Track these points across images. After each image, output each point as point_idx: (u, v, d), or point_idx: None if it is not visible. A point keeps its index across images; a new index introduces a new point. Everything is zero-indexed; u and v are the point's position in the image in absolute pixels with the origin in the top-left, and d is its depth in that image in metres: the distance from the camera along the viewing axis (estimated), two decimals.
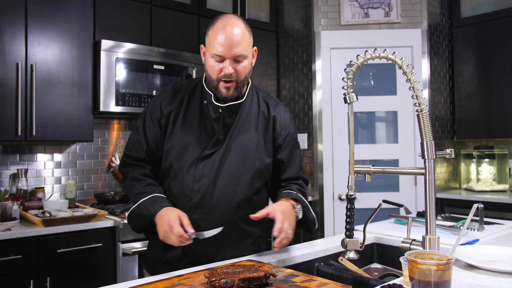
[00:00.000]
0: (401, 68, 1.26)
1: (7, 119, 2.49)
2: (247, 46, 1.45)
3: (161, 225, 1.40)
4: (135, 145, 1.57)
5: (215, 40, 1.42)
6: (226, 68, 1.43)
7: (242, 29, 1.44)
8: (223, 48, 1.41)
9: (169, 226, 1.36)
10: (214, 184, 1.48)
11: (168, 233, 1.37)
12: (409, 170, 1.34)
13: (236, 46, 1.41)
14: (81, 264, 2.44)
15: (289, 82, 3.90)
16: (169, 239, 1.38)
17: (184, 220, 1.39)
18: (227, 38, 1.40)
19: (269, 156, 1.58)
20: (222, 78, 1.45)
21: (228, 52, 1.41)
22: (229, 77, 1.44)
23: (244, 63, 1.46)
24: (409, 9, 3.62)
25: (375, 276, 1.70)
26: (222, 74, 1.44)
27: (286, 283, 1.15)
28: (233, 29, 1.41)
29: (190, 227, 1.37)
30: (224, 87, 1.46)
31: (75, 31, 2.73)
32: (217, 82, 1.47)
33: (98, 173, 3.18)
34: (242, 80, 1.48)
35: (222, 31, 1.41)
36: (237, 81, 1.47)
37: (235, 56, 1.43)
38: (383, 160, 3.58)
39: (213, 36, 1.43)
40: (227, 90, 1.47)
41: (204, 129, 1.52)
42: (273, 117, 1.59)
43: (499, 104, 3.67)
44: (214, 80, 1.47)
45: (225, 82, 1.46)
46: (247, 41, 1.46)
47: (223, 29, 1.41)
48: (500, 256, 1.41)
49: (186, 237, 1.35)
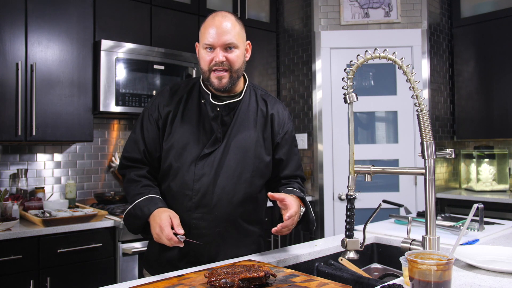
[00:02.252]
0: (401, 68, 1.26)
1: (7, 119, 2.49)
2: (237, 37, 1.46)
3: (154, 227, 1.40)
4: (132, 146, 1.57)
5: (205, 31, 1.45)
6: (216, 56, 1.44)
7: (232, 21, 1.46)
8: (213, 37, 1.43)
9: (160, 228, 1.36)
10: (214, 183, 1.48)
11: (160, 235, 1.36)
12: (409, 170, 1.34)
13: (225, 34, 1.43)
14: (81, 264, 2.44)
15: (289, 82, 3.90)
16: (161, 240, 1.37)
17: (175, 221, 1.38)
18: (216, 27, 1.43)
19: (269, 154, 1.58)
20: (213, 67, 1.45)
21: (218, 39, 1.43)
22: (221, 65, 1.44)
23: (236, 53, 1.47)
24: (409, 9, 3.62)
25: (375, 276, 1.70)
26: (213, 63, 1.45)
27: (286, 283, 1.15)
28: (222, 19, 1.45)
29: (180, 228, 1.36)
30: (215, 77, 1.46)
31: (75, 31, 2.73)
32: (209, 73, 1.47)
33: (98, 173, 3.18)
34: (236, 70, 1.48)
35: (212, 21, 1.45)
36: (230, 70, 1.46)
37: (225, 44, 1.44)
38: (383, 160, 3.58)
39: (204, 28, 1.47)
40: (219, 80, 1.46)
41: (203, 128, 1.52)
42: (271, 115, 1.59)
43: (499, 104, 3.67)
44: (206, 71, 1.47)
45: (216, 72, 1.45)
46: (237, 31, 1.46)
47: (212, 19, 1.46)
48: (500, 256, 1.41)
49: (176, 240, 1.34)
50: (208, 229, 1.49)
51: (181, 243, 1.35)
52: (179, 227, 1.36)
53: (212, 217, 1.48)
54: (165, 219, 1.37)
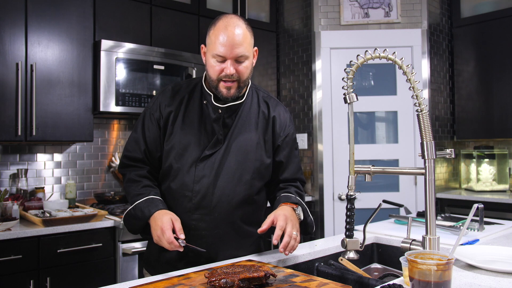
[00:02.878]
0: (401, 68, 1.26)
1: (7, 119, 2.49)
2: (248, 47, 1.45)
3: (154, 229, 1.40)
4: (133, 145, 1.57)
5: (216, 40, 1.41)
6: (227, 68, 1.42)
7: (244, 30, 1.44)
8: (225, 49, 1.40)
9: (161, 230, 1.36)
10: (214, 185, 1.48)
11: (161, 237, 1.36)
12: (409, 170, 1.34)
13: (237, 47, 1.41)
14: (81, 264, 2.44)
15: (289, 82, 3.90)
16: (162, 243, 1.37)
17: (177, 224, 1.38)
18: (229, 38, 1.40)
19: (269, 156, 1.58)
20: (223, 78, 1.44)
21: (230, 52, 1.41)
22: (231, 77, 1.44)
23: (246, 64, 1.46)
24: (409, 9, 3.62)
25: (375, 276, 1.70)
26: (223, 74, 1.43)
27: (286, 283, 1.15)
28: (235, 30, 1.41)
29: (182, 233, 1.36)
30: (224, 87, 1.46)
31: (75, 31, 2.73)
32: (218, 82, 1.46)
33: (98, 173, 3.18)
34: (244, 81, 1.48)
35: (224, 31, 1.40)
36: (239, 81, 1.46)
37: (237, 57, 1.42)
38: (383, 160, 3.58)
39: (215, 36, 1.42)
40: (228, 90, 1.46)
41: (204, 129, 1.52)
42: (273, 117, 1.59)
43: (499, 104, 3.67)
44: (215, 80, 1.46)
45: (226, 82, 1.45)
46: (248, 42, 1.45)
47: (225, 29, 1.41)
48: (500, 256, 1.41)
49: (177, 244, 1.34)
50: (207, 230, 1.48)
51: (181, 248, 1.35)
52: (181, 232, 1.37)
53: (212, 218, 1.48)
54: (167, 222, 1.37)
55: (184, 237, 1.36)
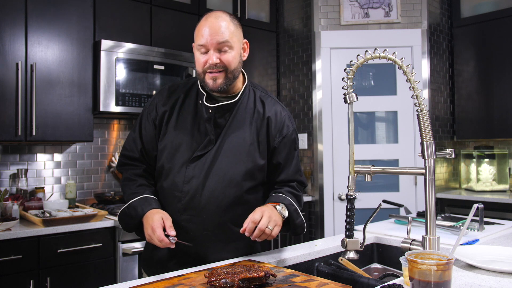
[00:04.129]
0: (401, 68, 1.26)
1: (7, 119, 2.49)
2: (231, 36, 1.43)
3: (146, 227, 1.40)
4: (131, 144, 1.58)
5: (198, 32, 1.43)
6: (210, 58, 1.41)
7: (226, 20, 1.44)
8: (205, 37, 1.41)
9: (152, 229, 1.36)
10: (203, 186, 1.46)
11: (152, 236, 1.37)
12: (409, 170, 1.34)
13: (217, 34, 1.40)
14: (81, 264, 2.44)
15: (289, 82, 3.90)
16: (153, 241, 1.37)
17: (167, 222, 1.38)
18: (209, 27, 1.41)
19: (263, 158, 1.53)
20: (207, 70, 1.43)
21: (210, 40, 1.40)
22: (215, 67, 1.42)
23: (232, 53, 1.44)
24: (409, 9, 3.62)
25: (375, 276, 1.70)
26: (207, 65, 1.43)
27: (286, 283, 1.15)
28: (215, 19, 1.42)
29: (172, 230, 1.36)
30: (210, 77, 1.44)
31: (75, 31, 2.73)
32: (204, 75, 1.45)
33: (98, 173, 3.18)
34: (232, 71, 1.45)
35: (204, 22, 1.43)
36: (226, 71, 1.44)
37: (218, 44, 1.41)
38: (383, 160, 3.58)
39: (197, 29, 1.45)
40: (214, 81, 1.44)
41: (197, 129, 1.50)
42: (267, 118, 1.54)
43: (499, 104, 3.67)
44: (201, 73, 1.45)
45: (211, 73, 1.43)
46: (231, 31, 1.43)
47: (205, 20, 1.44)
48: (500, 256, 1.41)
49: (167, 241, 1.34)
50: (196, 231, 1.47)
51: (173, 245, 1.35)
52: (171, 229, 1.36)
53: (200, 220, 1.46)
54: (157, 221, 1.37)
55: (175, 234, 1.36)
